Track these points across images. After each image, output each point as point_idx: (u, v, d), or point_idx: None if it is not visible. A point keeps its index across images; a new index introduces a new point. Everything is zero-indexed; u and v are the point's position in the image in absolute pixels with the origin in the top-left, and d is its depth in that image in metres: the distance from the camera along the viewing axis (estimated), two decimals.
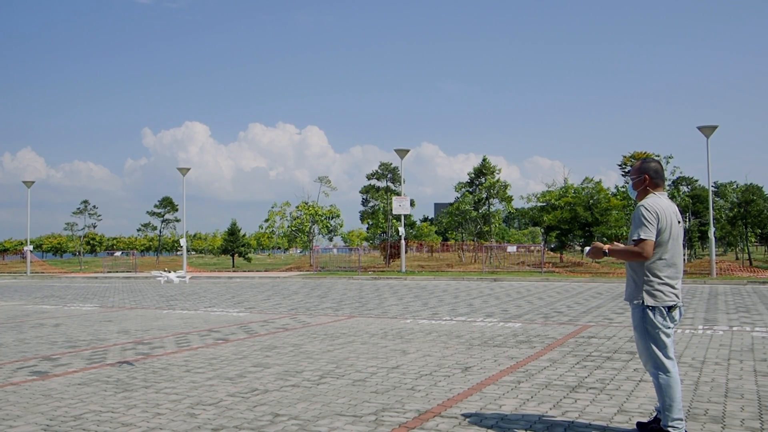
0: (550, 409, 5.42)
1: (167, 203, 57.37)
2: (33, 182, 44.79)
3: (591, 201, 36.84)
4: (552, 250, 39.42)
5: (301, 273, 33.95)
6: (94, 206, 58.31)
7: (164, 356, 8.65)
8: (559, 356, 7.99)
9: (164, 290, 23.11)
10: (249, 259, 53.06)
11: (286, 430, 4.93)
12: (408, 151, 34.75)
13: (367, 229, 51.03)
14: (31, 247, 47.38)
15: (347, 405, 5.68)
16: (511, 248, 38.04)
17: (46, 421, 5.33)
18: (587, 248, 4.80)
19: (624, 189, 40.88)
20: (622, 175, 42.01)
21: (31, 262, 45.77)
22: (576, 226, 36.76)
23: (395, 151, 34.39)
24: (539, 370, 7.08)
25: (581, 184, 39.51)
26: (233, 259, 52.03)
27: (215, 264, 56.76)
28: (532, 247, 46.84)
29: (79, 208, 57.90)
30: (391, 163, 47.13)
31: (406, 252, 36.20)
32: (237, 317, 13.57)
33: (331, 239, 49.05)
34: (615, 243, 4.72)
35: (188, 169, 39.72)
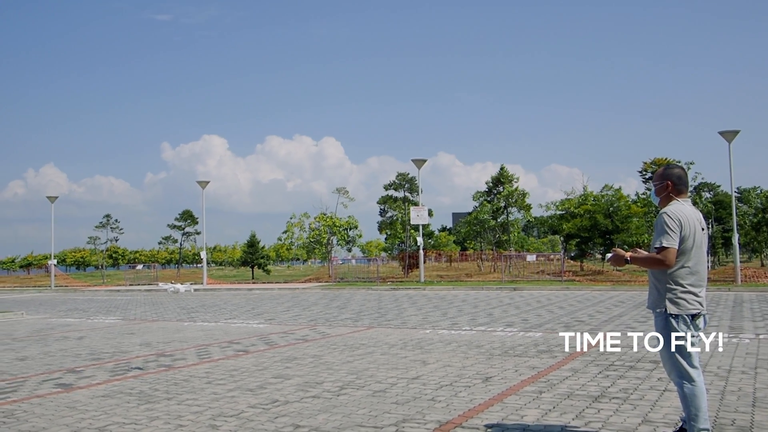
0: (573, 419, 5.34)
1: (187, 216, 57.87)
2: (56, 197, 45.45)
3: (611, 208, 36.48)
4: (572, 258, 39.05)
5: (320, 284, 33.92)
6: (116, 220, 58.87)
7: (186, 368, 8.69)
8: (581, 366, 7.90)
9: (185, 302, 23.31)
10: (268, 271, 53.09)
11: None
12: (425, 161, 34.74)
13: (386, 239, 50.97)
14: (54, 262, 48.03)
15: (368, 416, 5.66)
16: (531, 257, 37.82)
17: None
18: (608, 255, 4.76)
19: (645, 196, 40.49)
20: (643, 181, 41.61)
21: (55, 275, 46.37)
22: (596, 234, 36.41)
23: (412, 161, 34.40)
24: (561, 380, 6.99)
25: (601, 191, 39.20)
26: (252, 270, 52.07)
27: (235, 276, 57.03)
28: (552, 256, 46.41)
29: (101, 222, 58.48)
30: (408, 174, 47.08)
31: (424, 262, 36.09)
32: (257, 329, 13.63)
33: (349, 250, 49.02)
34: (637, 250, 4.67)
35: (207, 183, 40.08)
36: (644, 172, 41.41)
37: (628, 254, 4.57)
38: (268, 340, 11.61)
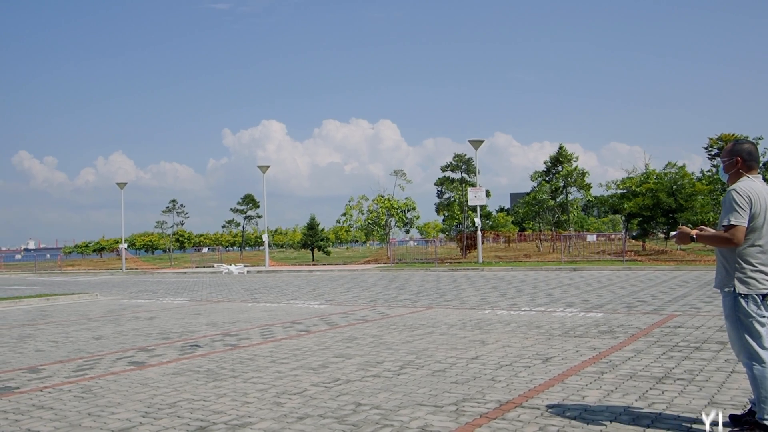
0: (636, 400, 5.27)
1: (249, 200, 59.37)
2: (125, 184, 47.16)
3: (674, 186, 35.59)
4: (634, 238, 38.24)
5: (379, 265, 34.19)
6: (182, 205, 60.79)
7: (250, 347, 8.92)
8: (643, 347, 7.76)
9: (249, 284, 23.99)
10: (328, 253, 53.94)
11: (369, 419, 4.99)
12: (482, 141, 34.40)
13: (443, 220, 50.73)
14: (125, 245, 50.23)
15: (428, 395, 5.70)
16: (591, 237, 37.32)
17: (145, 408, 5.62)
18: (674, 233, 4.64)
19: (711, 173, 39.07)
20: (709, 158, 40.14)
21: (125, 259, 48.33)
22: (659, 212, 35.59)
23: (469, 142, 34.12)
24: (623, 361, 6.89)
25: (663, 169, 38.33)
26: (313, 252, 52.61)
27: (295, 258, 58.04)
28: (613, 236, 45.34)
29: (167, 207, 60.49)
30: (465, 155, 46.98)
31: (482, 243, 35.85)
32: (318, 309, 13.88)
33: (407, 232, 49.07)
34: (703, 228, 4.55)
35: (268, 167, 40.80)
36: (710, 149, 39.97)
37: (694, 232, 4.46)
38: (329, 320, 11.78)
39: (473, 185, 37.93)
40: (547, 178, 43.61)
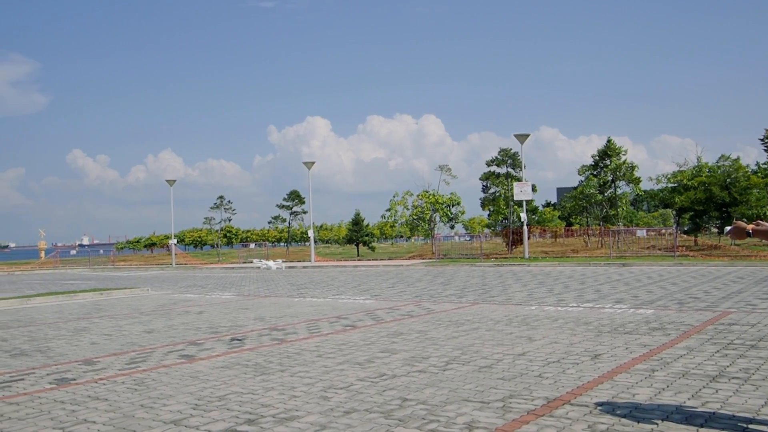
0: (689, 399, 5.16)
1: (294, 196, 59.79)
2: (174, 181, 48.10)
3: (728, 180, 34.66)
4: (685, 232, 37.54)
5: (424, 261, 34.11)
6: (229, 201, 61.69)
7: (297, 342, 9.05)
8: (696, 344, 7.62)
9: (295, 279, 24.36)
10: (372, 248, 54.13)
11: (415, 415, 4.99)
12: (528, 135, 34.02)
13: (489, 216, 49.95)
14: (175, 241, 51.51)
15: (474, 391, 5.69)
16: (641, 232, 36.43)
17: (195, 401, 5.76)
18: (728, 228, 4.54)
19: (767, 165, 37.79)
20: (765, 150, 38.68)
21: (175, 254, 49.55)
22: (712, 207, 34.68)
23: (515, 136, 33.78)
24: (675, 359, 6.77)
25: (717, 162, 37.19)
26: (357, 248, 53.28)
27: (341, 253, 58.72)
28: (664, 231, 44.08)
29: (215, 204, 61.48)
30: (510, 149, 46.28)
31: (528, 238, 35.43)
32: (363, 304, 13.94)
33: (452, 227, 49.05)
34: (760, 223, 4.43)
35: (313, 163, 40.96)
36: (766, 140, 38.58)
37: (750, 227, 4.34)
38: (374, 315, 11.83)
39: (519, 180, 37.50)
40: (594, 172, 42.59)
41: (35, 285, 26.88)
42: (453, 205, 47.42)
